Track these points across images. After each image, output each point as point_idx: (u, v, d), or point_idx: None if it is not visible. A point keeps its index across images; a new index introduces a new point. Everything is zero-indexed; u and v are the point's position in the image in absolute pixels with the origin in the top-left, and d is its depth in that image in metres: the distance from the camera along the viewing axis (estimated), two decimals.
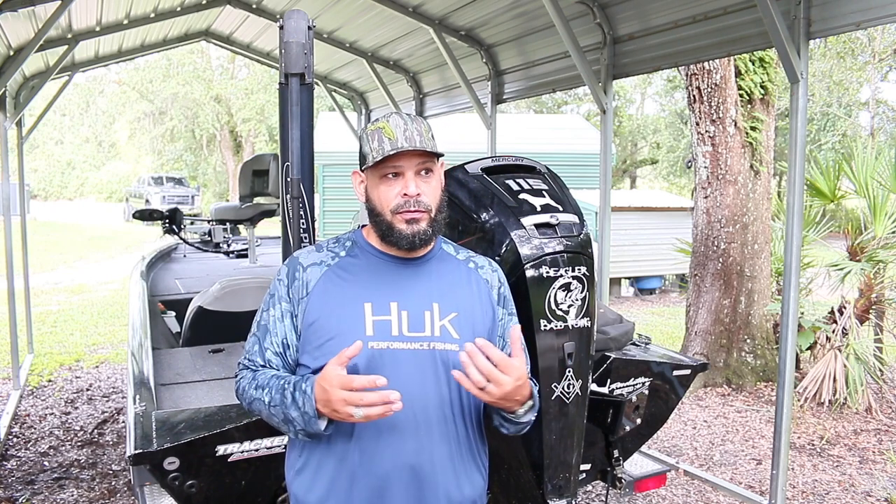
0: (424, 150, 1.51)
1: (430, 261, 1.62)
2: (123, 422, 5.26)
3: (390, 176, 1.53)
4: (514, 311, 1.69)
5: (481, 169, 2.01)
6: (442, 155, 1.57)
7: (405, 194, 1.52)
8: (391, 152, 1.49)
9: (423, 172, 1.55)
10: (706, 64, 5.96)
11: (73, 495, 4.02)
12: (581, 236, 1.87)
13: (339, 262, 1.60)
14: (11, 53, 5.00)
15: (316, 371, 1.51)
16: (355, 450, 1.50)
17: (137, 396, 2.29)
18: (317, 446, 1.53)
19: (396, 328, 1.52)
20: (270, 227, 7.94)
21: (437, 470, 1.53)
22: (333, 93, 8.61)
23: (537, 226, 1.83)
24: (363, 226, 1.65)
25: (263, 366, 1.57)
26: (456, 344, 1.54)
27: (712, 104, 6.11)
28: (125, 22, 5.95)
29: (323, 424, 1.43)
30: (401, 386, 1.44)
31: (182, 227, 5.04)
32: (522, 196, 1.90)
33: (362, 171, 1.60)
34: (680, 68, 6.30)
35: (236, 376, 1.63)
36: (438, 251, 1.66)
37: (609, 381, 2.43)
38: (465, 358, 1.39)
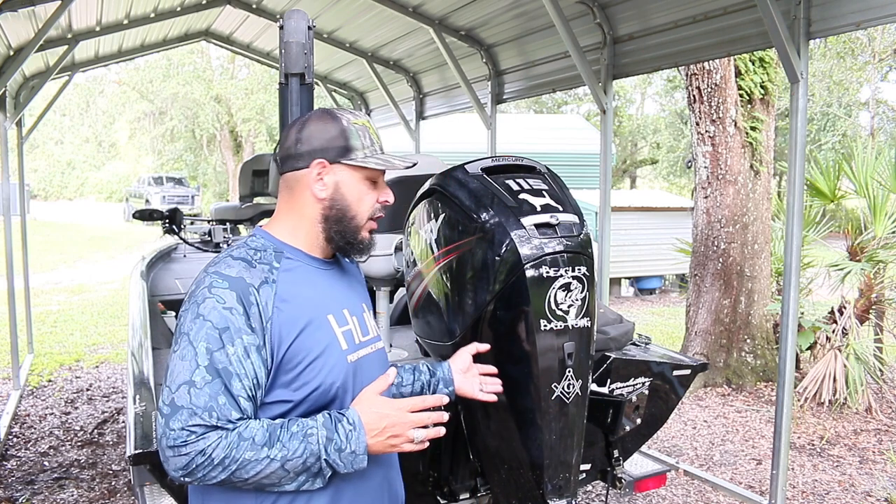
0: (413, 163, 1.51)
1: (339, 262, 1.58)
2: (123, 422, 5.26)
3: (372, 181, 1.47)
4: None
5: (481, 169, 2.01)
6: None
7: (386, 201, 1.49)
8: (408, 165, 1.47)
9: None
10: (706, 64, 5.96)
11: (73, 495, 4.02)
12: (581, 236, 1.87)
13: (279, 275, 1.39)
14: (11, 53, 5.01)
15: (301, 402, 1.36)
16: (338, 479, 1.38)
17: (137, 396, 2.29)
18: None
19: (356, 336, 1.48)
20: None
21: (395, 468, 1.58)
22: (333, 93, 8.62)
23: (537, 226, 1.83)
24: (260, 226, 1.51)
25: (241, 418, 1.28)
26: (381, 340, 1.59)
27: (712, 104, 6.11)
28: (125, 22, 5.95)
29: (366, 460, 1.33)
30: None
31: (182, 227, 5.02)
32: (522, 196, 1.89)
33: (331, 163, 1.43)
34: (680, 68, 6.30)
35: (184, 444, 1.24)
36: None
37: (609, 381, 2.42)
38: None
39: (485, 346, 1.75)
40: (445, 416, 1.40)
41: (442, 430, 1.39)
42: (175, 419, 1.25)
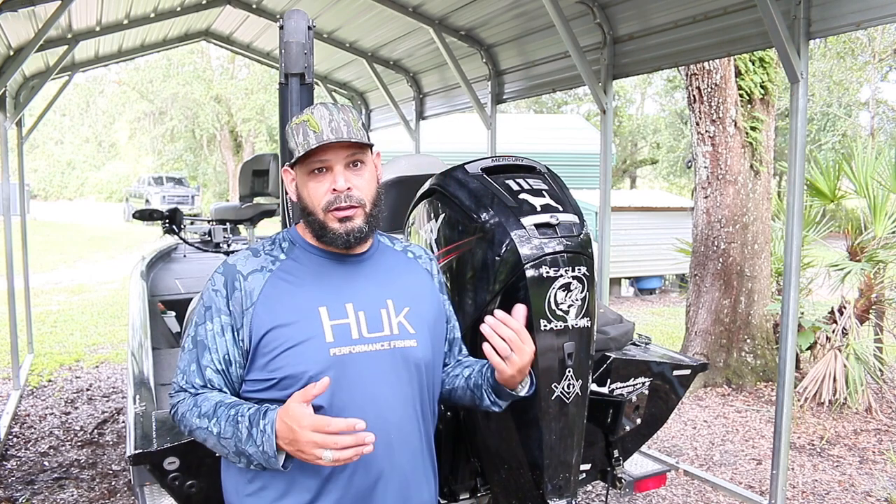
0: (350, 140, 1.43)
1: (374, 255, 1.58)
2: (123, 422, 5.26)
3: (318, 171, 1.46)
4: (448, 294, 1.74)
5: (481, 169, 2.01)
6: (372, 145, 1.51)
7: (335, 189, 1.45)
8: (314, 146, 1.42)
9: (353, 165, 1.47)
10: (706, 64, 5.96)
11: (73, 495, 4.02)
12: (581, 236, 1.87)
13: (280, 265, 1.50)
14: (11, 53, 5.00)
15: (276, 384, 1.43)
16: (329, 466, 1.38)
17: (137, 396, 2.30)
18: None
19: (356, 331, 1.46)
20: (270, 227, 7.95)
21: (407, 469, 1.51)
22: (333, 93, 8.61)
23: (537, 226, 1.83)
24: (296, 223, 1.59)
25: (204, 386, 1.45)
26: (413, 339, 1.52)
27: (712, 104, 6.11)
28: (125, 22, 5.95)
29: (283, 462, 1.33)
30: (366, 390, 1.44)
31: (182, 227, 5.03)
32: (522, 196, 1.90)
33: (291, 167, 1.52)
34: (680, 68, 6.30)
35: (171, 396, 1.50)
36: (378, 244, 1.62)
37: (609, 381, 2.42)
38: (488, 329, 1.40)
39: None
40: (362, 440, 1.27)
41: (367, 449, 1.28)
42: (174, 375, 1.51)
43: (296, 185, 1.52)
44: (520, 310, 1.44)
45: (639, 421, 2.53)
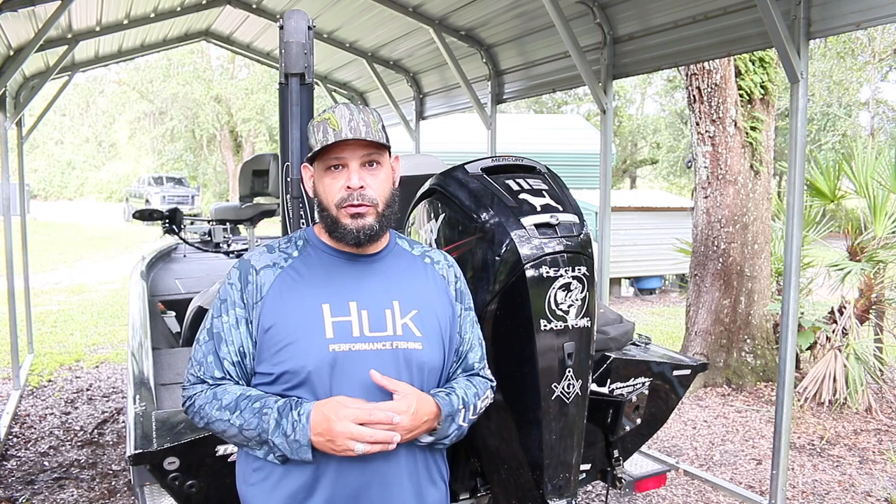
0: (367, 139, 1.46)
1: (387, 257, 1.59)
2: (123, 422, 5.26)
3: (334, 168, 1.49)
4: (471, 304, 1.69)
5: (481, 169, 2.01)
6: (390, 147, 1.53)
7: (348, 187, 1.47)
8: (332, 142, 1.45)
9: (369, 164, 1.49)
10: (706, 64, 5.96)
11: (73, 495, 4.02)
12: (581, 236, 1.87)
13: (292, 262, 1.54)
14: (11, 53, 5.00)
15: (277, 379, 1.47)
16: (322, 457, 1.43)
17: (137, 396, 2.30)
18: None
19: (357, 329, 1.48)
20: (270, 227, 7.94)
21: (404, 473, 1.51)
22: (333, 93, 8.62)
23: (537, 226, 1.83)
24: (315, 223, 1.61)
25: (223, 378, 1.49)
26: (419, 342, 1.51)
27: (712, 104, 6.11)
28: (125, 22, 5.95)
29: (310, 454, 1.40)
30: (365, 388, 1.44)
31: (182, 227, 5.02)
32: (522, 196, 1.90)
33: (310, 163, 1.55)
34: (680, 68, 6.30)
35: (184, 388, 1.53)
36: (394, 247, 1.62)
37: (609, 381, 2.43)
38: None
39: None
40: (391, 438, 1.38)
41: (392, 446, 1.39)
42: (188, 366, 1.53)
43: (313, 181, 1.56)
44: (373, 375, 1.44)
45: (639, 421, 2.53)
